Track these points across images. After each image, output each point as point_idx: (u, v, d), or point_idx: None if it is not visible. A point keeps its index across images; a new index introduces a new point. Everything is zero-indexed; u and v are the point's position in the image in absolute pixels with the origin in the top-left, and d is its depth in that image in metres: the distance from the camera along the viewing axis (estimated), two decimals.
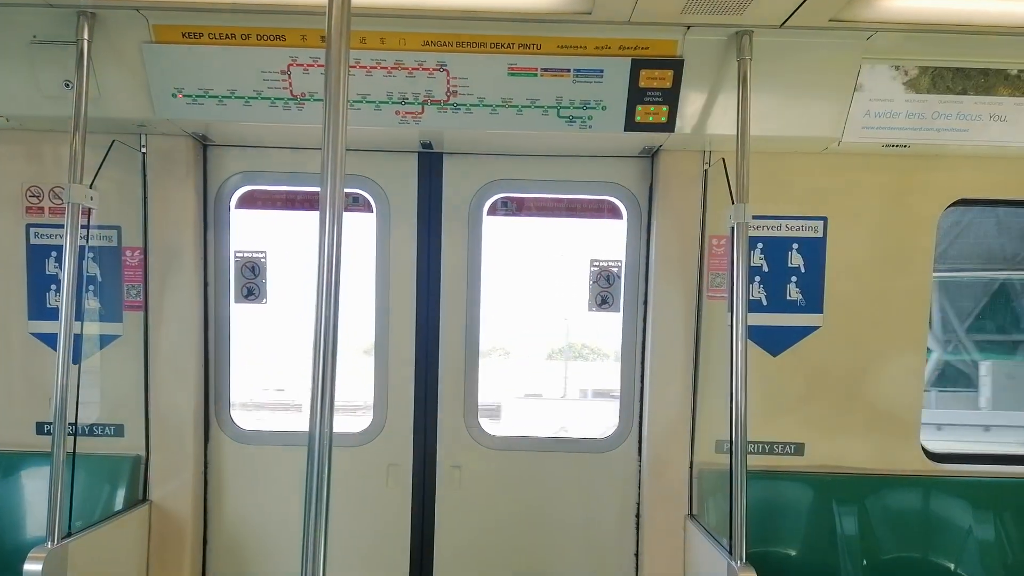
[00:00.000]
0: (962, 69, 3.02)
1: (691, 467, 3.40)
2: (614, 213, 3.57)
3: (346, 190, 2.06)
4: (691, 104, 2.97)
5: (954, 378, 11.29)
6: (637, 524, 3.58)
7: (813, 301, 3.35)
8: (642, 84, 2.91)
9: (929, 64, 3.01)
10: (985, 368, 10.82)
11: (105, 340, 3.35)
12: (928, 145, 3.14)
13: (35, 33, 2.83)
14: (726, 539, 2.83)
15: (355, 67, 2.87)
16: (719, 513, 3.19)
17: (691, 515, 3.38)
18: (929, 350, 9.68)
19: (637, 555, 3.58)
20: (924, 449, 3.40)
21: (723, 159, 3.21)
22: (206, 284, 3.49)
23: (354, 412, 4.13)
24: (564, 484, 3.59)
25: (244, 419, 3.62)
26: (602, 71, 2.89)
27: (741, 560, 2.69)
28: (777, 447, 3.39)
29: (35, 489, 3.28)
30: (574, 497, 3.60)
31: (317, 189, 1.90)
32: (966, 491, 3.31)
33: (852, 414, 3.38)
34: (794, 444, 3.39)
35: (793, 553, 3.28)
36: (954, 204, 3.34)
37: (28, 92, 2.94)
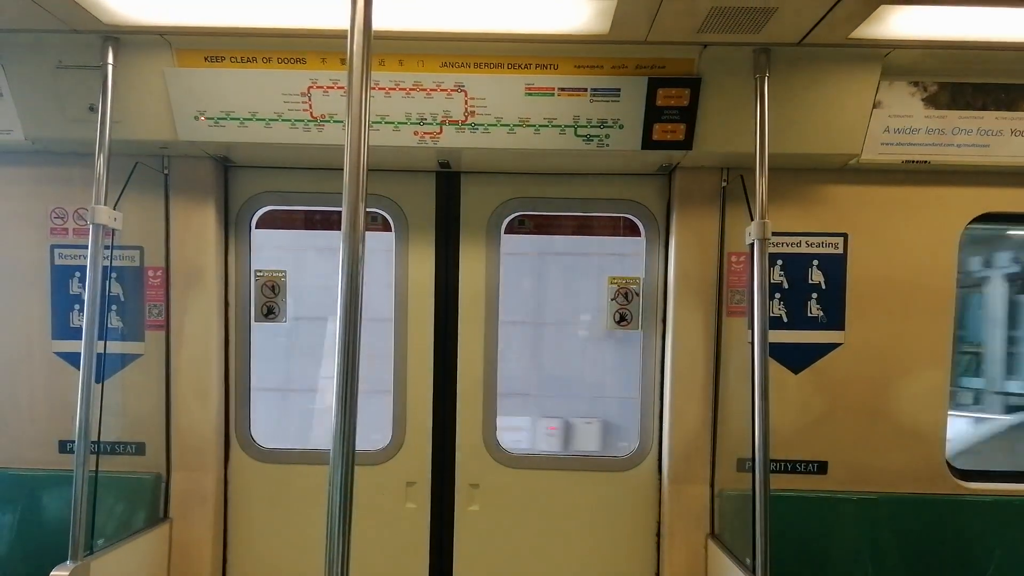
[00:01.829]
0: (982, 85, 3.01)
1: (712, 486, 3.37)
2: (632, 231, 3.58)
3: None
4: (709, 122, 2.97)
5: None
6: (658, 544, 3.54)
7: (834, 318, 3.32)
8: (659, 103, 2.91)
9: (948, 80, 3.00)
10: None
11: (127, 359, 3.38)
12: (948, 161, 3.12)
13: (60, 58, 2.89)
14: (749, 559, 2.79)
15: (374, 88, 2.89)
16: (741, 533, 3.15)
17: (713, 535, 3.34)
18: None
19: (658, 575, 3.54)
20: (950, 466, 3.35)
21: (741, 176, 3.20)
22: (227, 303, 3.52)
23: None
24: (583, 503, 3.57)
25: (264, 435, 3.64)
26: (619, 90, 2.90)
27: None
28: (800, 465, 3.35)
29: (57, 507, 3.31)
30: (594, 516, 3.57)
31: (336, 209, 1.91)
32: (995, 511, 3.26)
33: (876, 432, 3.33)
34: (817, 462, 3.35)
35: (818, 573, 3.23)
36: (977, 219, 3.31)
37: (53, 116, 2.99)
